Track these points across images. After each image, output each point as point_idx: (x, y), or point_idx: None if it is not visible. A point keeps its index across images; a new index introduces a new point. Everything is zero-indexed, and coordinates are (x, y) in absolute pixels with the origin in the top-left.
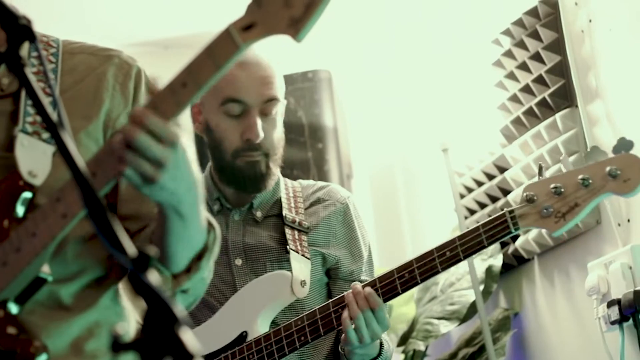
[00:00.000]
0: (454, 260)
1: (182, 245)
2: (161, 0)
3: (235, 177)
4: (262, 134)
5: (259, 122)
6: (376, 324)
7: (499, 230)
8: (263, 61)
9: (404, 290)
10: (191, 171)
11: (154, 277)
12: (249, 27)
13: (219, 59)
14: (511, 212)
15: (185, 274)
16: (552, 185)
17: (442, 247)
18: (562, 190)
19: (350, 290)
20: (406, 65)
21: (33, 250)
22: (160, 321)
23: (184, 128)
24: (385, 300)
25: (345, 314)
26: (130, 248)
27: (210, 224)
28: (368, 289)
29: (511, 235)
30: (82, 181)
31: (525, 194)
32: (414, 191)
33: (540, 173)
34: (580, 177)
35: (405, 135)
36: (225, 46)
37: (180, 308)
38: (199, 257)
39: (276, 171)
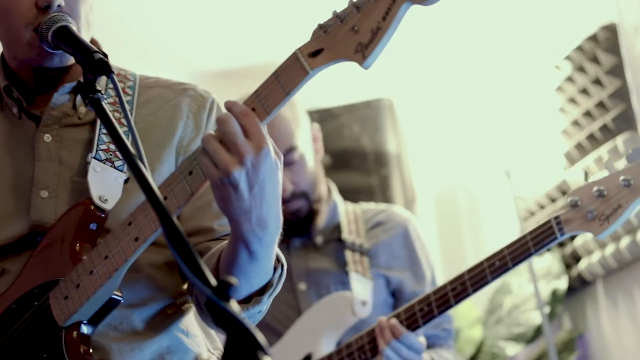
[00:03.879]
0: (503, 269)
1: (245, 280)
2: (222, 31)
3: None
4: (289, 188)
5: (284, 177)
6: (407, 350)
7: (545, 236)
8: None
9: (457, 302)
10: (274, 205)
11: (234, 305)
12: (316, 53)
13: (288, 85)
14: (556, 217)
15: (244, 304)
16: (595, 189)
17: (492, 257)
18: (605, 192)
19: (377, 324)
20: (468, 91)
21: (106, 272)
22: (242, 350)
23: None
24: (425, 322)
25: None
26: (210, 275)
27: (278, 260)
28: (392, 321)
29: (558, 241)
30: (158, 205)
31: (569, 199)
32: (477, 215)
33: (585, 178)
34: (622, 178)
35: (468, 160)
36: (293, 72)
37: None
38: (261, 292)
39: (323, 205)
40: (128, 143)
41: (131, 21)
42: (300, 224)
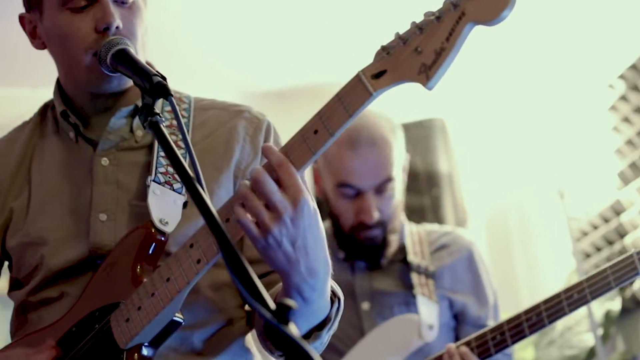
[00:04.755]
0: (581, 302)
1: (302, 320)
2: (273, 51)
3: (354, 249)
4: (376, 216)
5: (374, 203)
6: None
7: (627, 271)
8: (380, 140)
9: (531, 333)
10: (320, 251)
11: (293, 329)
12: (379, 75)
13: (351, 106)
14: (638, 252)
15: (304, 340)
16: None
17: (569, 290)
18: None
19: (446, 351)
20: (521, 110)
21: (168, 295)
22: None
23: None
24: (497, 352)
25: None
26: (269, 299)
27: (334, 294)
28: (463, 348)
29: None
30: (217, 229)
31: None
32: (529, 236)
33: None
34: None
35: (520, 180)
36: (356, 94)
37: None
38: (320, 327)
39: (394, 238)
40: (187, 166)
41: (181, 41)
42: (371, 251)
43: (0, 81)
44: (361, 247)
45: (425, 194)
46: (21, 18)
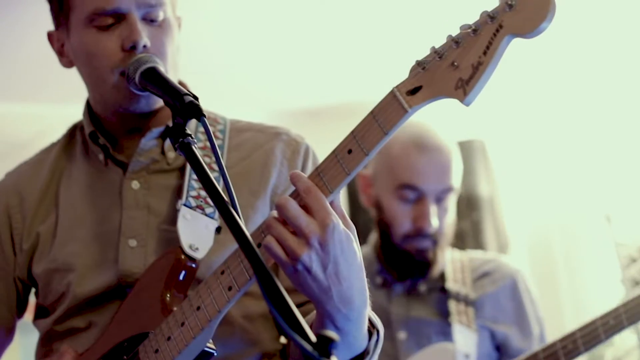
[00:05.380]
0: (618, 328)
1: (337, 352)
2: (304, 70)
3: (402, 261)
4: (435, 223)
5: (433, 210)
6: None
7: None
8: (444, 147)
9: None
10: (355, 279)
11: None
12: (414, 91)
13: (386, 124)
14: None
15: None
16: None
17: (605, 316)
18: None
19: None
20: (564, 131)
21: (198, 324)
22: None
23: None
24: None
25: None
26: (309, 330)
27: (372, 325)
28: None
29: None
30: (252, 254)
31: None
32: (575, 262)
33: None
34: None
35: (564, 204)
36: (391, 111)
37: None
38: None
39: (441, 258)
40: (221, 190)
41: (212, 59)
42: (419, 265)
43: (20, 97)
44: (409, 261)
45: (466, 218)
46: (50, 35)
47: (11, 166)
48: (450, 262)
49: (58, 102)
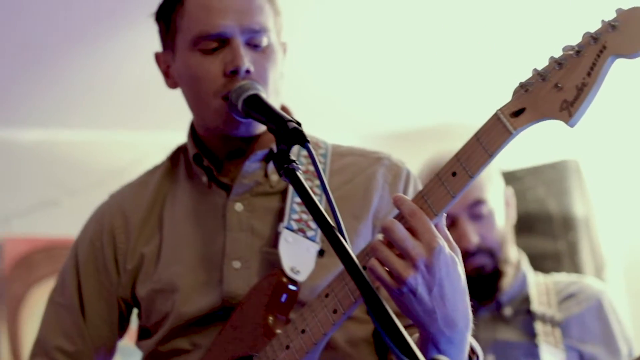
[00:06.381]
0: None
1: None
2: (395, 92)
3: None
4: (475, 240)
5: (470, 228)
6: None
7: None
8: None
9: None
10: (459, 302)
11: None
12: (518, 113)
13: (490, 146)
14: None
15: None
16: None
17: None
18: None
19: None
20: None
21: (303, 347)
22: None
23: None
24: None
25: None
26: (420, 354)
27: (472, 351)
28: None
29: None
30: (359, 277)
31: None
32: None
33: None
34: None
35: None
36: (496, 133)
37: None
38: None
39: (510, 269)
40: (325, 213)
41: (304, 82)
42: (483, 282)
43: (114, 125)
44: (472, 283)
45: (561, 239)
46: (157, 56)
47: (106, 194)
48: (535, 285)
49: (152, 129)
